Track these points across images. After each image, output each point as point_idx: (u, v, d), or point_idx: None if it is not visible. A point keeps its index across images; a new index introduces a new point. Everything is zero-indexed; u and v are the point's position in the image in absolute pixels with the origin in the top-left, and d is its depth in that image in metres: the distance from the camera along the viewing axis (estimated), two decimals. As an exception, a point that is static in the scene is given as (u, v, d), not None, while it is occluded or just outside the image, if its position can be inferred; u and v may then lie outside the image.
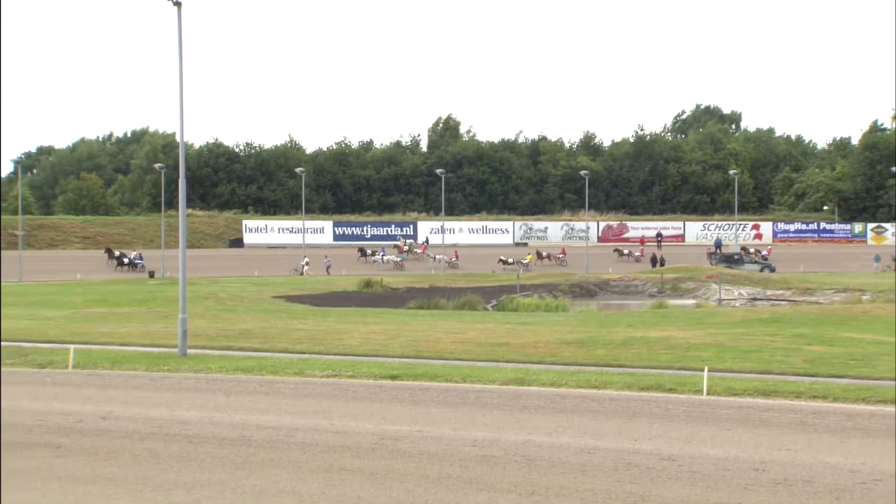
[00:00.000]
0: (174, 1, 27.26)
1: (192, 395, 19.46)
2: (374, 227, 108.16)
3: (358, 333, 33.46)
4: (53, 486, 11.99)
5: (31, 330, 34.76)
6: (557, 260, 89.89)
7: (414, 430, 15.43)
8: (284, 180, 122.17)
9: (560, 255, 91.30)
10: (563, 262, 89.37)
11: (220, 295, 53.98)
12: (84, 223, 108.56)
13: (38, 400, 18.54)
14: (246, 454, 13.71)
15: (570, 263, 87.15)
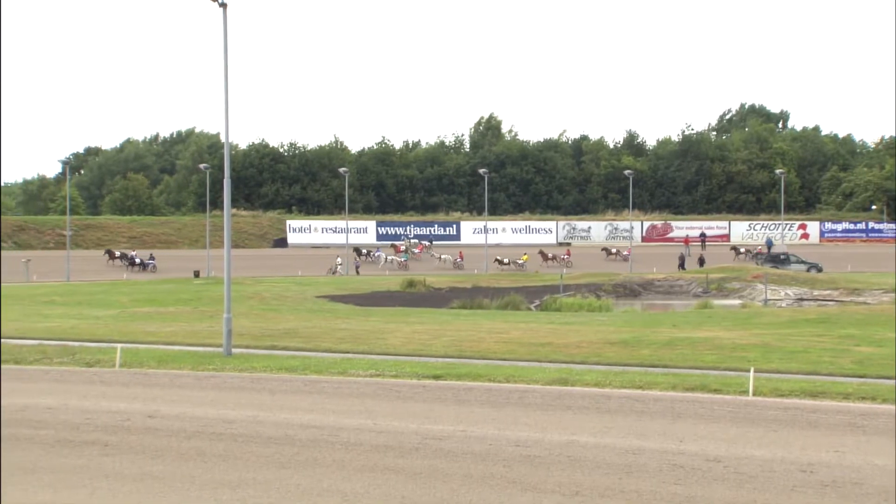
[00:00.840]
0: (220, 2, 27.39)
1: (236, 395, 19.58)
2: (417, 227, 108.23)
3: (401, 333, 33.51)
4: (102, 484, 12.11)
5: (79, 329, 35.17)
6: (562, 261, 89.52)
7: (457, 430, 15.43)
8: (328, 180, 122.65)
9: (564, 256, 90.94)
10: (567, 262, 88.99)
11: (264, 294, 54.29)
12: (130, 223, 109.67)
13: (86, 398, 18.74)
14: (290, 453, 13.78)
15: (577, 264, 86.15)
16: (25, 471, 12.70)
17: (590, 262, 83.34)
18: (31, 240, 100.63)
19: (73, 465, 13.08)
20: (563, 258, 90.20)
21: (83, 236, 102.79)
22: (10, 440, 14.66)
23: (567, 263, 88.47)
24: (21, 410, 17.15)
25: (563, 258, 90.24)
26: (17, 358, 25.78)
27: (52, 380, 21.82)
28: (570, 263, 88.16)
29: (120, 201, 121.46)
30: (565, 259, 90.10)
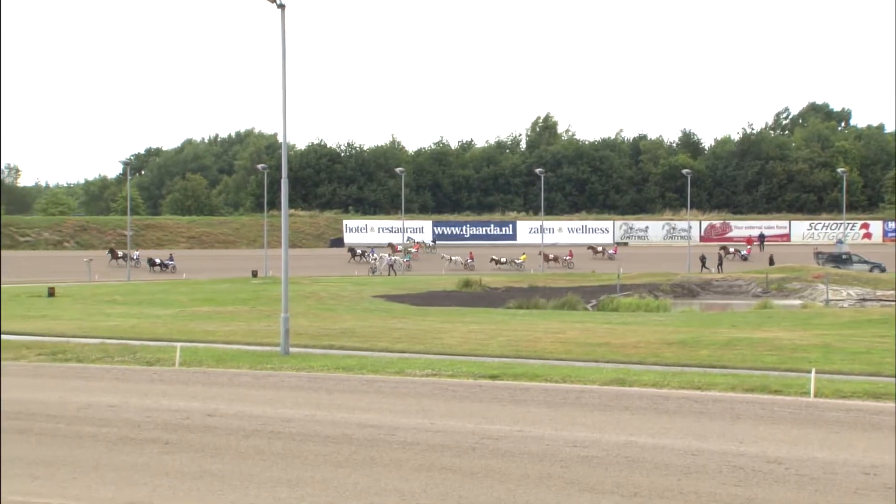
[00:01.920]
0: (278, 3, 27.55)
1: (294, 394, 19.70)
2: (473, 227, 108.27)
3: (457, 333, 33.52)
4: (162, 481, 12.26)
5: (139, 328, 35.64)
6: (564, 262, 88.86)
7: (514, 430, 15.40)
8: (384, 180, 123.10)
9: (567, 258, 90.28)
10: (569, 263, 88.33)
11: (321, 294, 54.60)
12: (189, 223, 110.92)
13: (146, 397, 18.97)
14: (348, 452, 13.84)
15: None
16: (89, 468, 12.90)
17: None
18: (92, 240, 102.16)
19: (134, 462, 13.25)
20: (565, 259, 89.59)
21: (143, 236, 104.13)
22: (74, 437, 14.90)
23: (569, 265, 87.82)
24: (84, 408, 17.42)
25: (566, 259, 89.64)
26: (79, 356, 26.18)
27: (113, 378, 22.13)
28: (572, 265, 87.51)
29: (179, 201, 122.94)
30: (567, 260, 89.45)
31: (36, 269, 79.39)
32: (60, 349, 27.63)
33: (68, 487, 11.93)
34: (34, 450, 13.97)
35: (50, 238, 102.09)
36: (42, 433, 15.18)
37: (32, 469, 12.81)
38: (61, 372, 23.39)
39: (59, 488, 11.89)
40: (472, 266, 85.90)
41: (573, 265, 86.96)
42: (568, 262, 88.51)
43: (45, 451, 13.90)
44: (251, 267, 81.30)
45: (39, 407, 17.55)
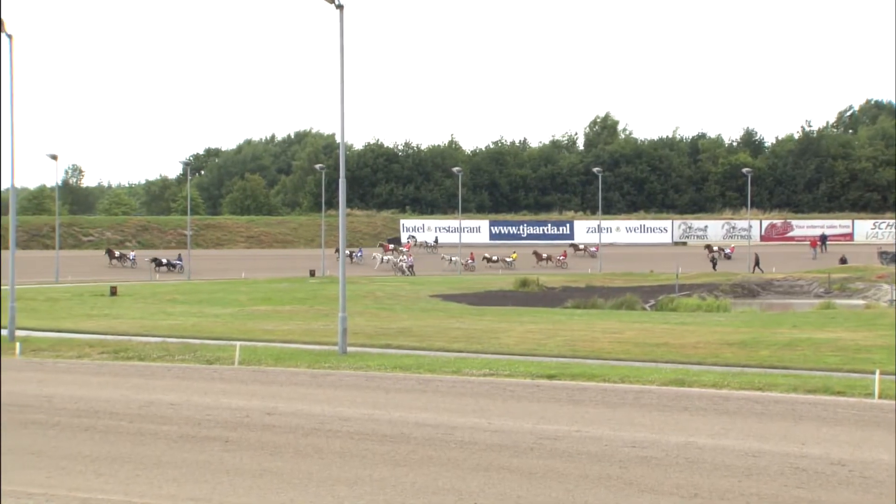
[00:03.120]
0: (337, 3, 27.65)
1: (352, 393, 19.80)
2: (530, 227, 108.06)
3: (514, 332, 33.49)
4: (223, 479, 12.38)
5: (199, 327, 36.06)
6: (558, 262, 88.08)
7: (572, 430, 15.35)
8: (441, 180, 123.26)
9: (560, 258, 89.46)
10: (563, 264, 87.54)
11: (377, 293, 54.81)
12: (248, 223, 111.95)
13: (206, 395, 19.18)
14: (405, 451, 13.88)
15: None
16: (151, 465, 13.07)
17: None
18: (154, 239, 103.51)
19: (195, 460, 13.40)
20: (558, 259, 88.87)
21: (203, 236, 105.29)
22: (136, 435, 15.10)
23: (562, 265, 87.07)
24: (146, 406, 17.65)
25: (559, 259, 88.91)
26: (141, 355, 26.55)
27: (174, 376, 22.40)
28: (566, 265, 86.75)
29: (238, 201, 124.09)
30: (561, 260, 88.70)
31: (98, 268, 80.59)
32: (122, 348, 28.03)
33: (131, 484, 12.10)
34: (98, 447, 14.18)
35: (112, 238, 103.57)
36: (105, 431, 15.41)
37: (96, 466, 13.02)
38: (123, 370, 23.73)
39: (122, 485, 12.06)
40: (473, 267, 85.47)
41: (566, 265, 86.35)
42: (561, 263, 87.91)
43: (108, 448, 14.12)
44: (309, 266, 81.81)
45: (102, 405, 17.82)
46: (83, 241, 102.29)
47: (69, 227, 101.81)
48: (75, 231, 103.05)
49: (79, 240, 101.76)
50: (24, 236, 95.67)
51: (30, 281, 64.21)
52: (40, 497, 11.50)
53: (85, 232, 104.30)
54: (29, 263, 76.57)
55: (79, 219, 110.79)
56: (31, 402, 18.15)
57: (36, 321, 37.49)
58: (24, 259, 68.45)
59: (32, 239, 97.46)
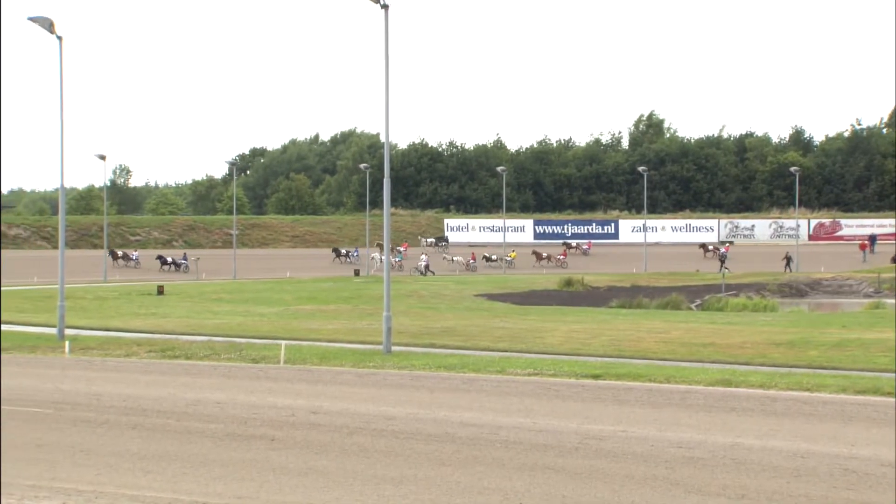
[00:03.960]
0: (382, 3, 27.67)
1: (397, 392, 19.85)
2: (574, 226, 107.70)
3: (559, 332, 33.40)
4: (269, 477, 12.46)
5: (245, 326, 36.32)
6: (557, 261, 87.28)
7: (618, 430, 15.28)
8: (486, 179, 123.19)
9: (560, 257, 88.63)
10: (563, 263, 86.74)
11: (422, 293, 54.91)
12: (293, 222, 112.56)
13: (252, 394, 19.31)
14: (450, 451, 13.89)
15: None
16: (198, 463, 13.18)
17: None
18: (200, 239, 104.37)
19: (241, 458, 13.49)
20: (558, 258, 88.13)
21: (248, 235, 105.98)
22: (183, 433, 15.24)
23: (562, 264, 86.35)
24: (193, 404, 17.80)
25: (559, 258, 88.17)
26: (187, 353, 26.79)
27: (220, 375, 22.57)
28: (566, 264, 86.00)
29: (283, 201, 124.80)
30: (560, 259, 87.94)
31: (145, 267, 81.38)
32: (170, 346, 28.30)
33: (179, 482, 12.21)
34: (146, 445, 14.33)
35: (159, 237, 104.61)
36: (153, 429, 15.56)
37: (145, 463, 13.15)
38: (170, 368, 23.96)
39: (170, 483, 12.17)
40: (475, 267, 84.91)
41: (567, 265, 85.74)
42: (561, 262, 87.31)
43: (156, 445, 14.25)
44: (353, 266, 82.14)
45: (150, 403, 18.00)
46: (131, 240, 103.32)
47: (117, 226, 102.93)
48: (123, 231, 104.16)
49: (126, 239, 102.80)
50: (73, 236, 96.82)
51: (79, 280, 65.00)
52: (90, 494, 11.64)
53: (132, 231, 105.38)
54: (77, 263, 77.51)
55: (126, 218, 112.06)
56: (80, 400, 18.37)
57: (85, 320, 37.98)
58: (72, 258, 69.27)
59: (81, 238, 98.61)
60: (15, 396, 18.72)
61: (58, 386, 20.30)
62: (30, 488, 11.85)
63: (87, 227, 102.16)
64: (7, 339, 30.58)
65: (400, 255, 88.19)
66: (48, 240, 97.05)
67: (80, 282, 64.31)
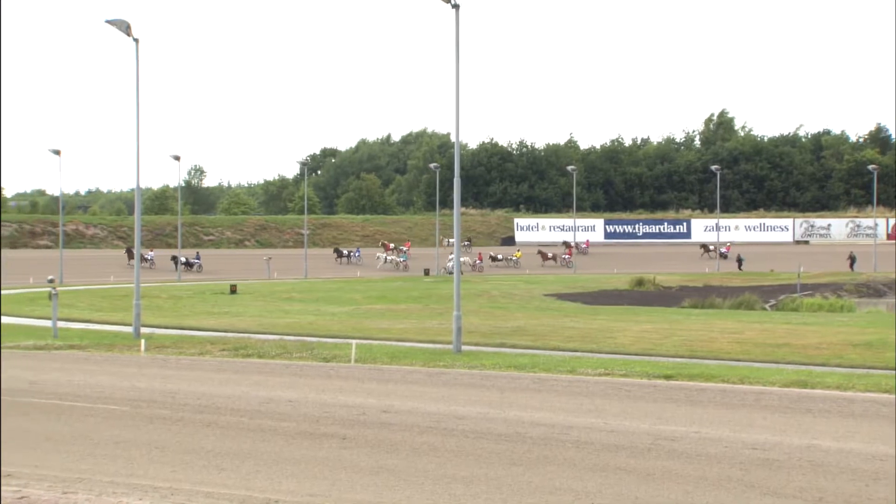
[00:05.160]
0: (453, 3, 27.59)
1: (467, 391, 19.85)
2: (645, 225, 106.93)
3: (630, 332, 33.16)
4: (341, 475, 12.53)
5: (316, 325, 36.60)
6: (563, 261, 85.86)
7: (691, 431, 15.13)
8: (556, 178, 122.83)
9: (566, 256, 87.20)
10: (568, 263, 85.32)
11: (492, 292, 54.88)
12: (363, 222, 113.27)
13: (323, 392, 19.43)
14: (521, 451, 13.86)
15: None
16: (271, 461, 13.30)
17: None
18: (271, 238, 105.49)
19: (313, 456, 13.59)
20: (563, 258, 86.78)
21: (319, 235, 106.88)
22: (256, 431, 15.39)
23: (568, 264, 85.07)
24: (265, 403, 17.98)
25: (564, 258, 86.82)
26: (260, 352, 27.06)
27: (292, 374, 22.75)
28: (572, 264, 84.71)
29: (354, 201, 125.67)
30: (566, 259, 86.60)
31: (219, 266, 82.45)
32: (242, 345, 28.61)
33: (252, 479, 12.33)
34: (220, 442, 14.50)
35: (232, 237, 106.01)
36: (227, 426, 15.74)
37: (219, 461, 13.30)
38: (243, 367, 24.22)
39: (243, 480, 12.30)
40: (481, 267, 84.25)
41: (573, 265, 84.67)
42: (567, 262, 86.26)
43: (229, 443, 14.41)
44: (423, 265, 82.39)
45: (224, 401, 18.22)
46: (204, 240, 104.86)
47: (191, 226, 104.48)
48: (196, 230, 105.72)
49: (200, 239, 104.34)
50: (149, 235, 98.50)
51: (154, 279, 66.04)
52: (165, 490, 11.81)
53: (206, 231, 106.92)
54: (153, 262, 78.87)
55: (200, 218, 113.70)
56: (156, 397, 18.65)
57: (160, 318, 38.58)
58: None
59: (156, 238, 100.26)
60: (93, 394, 19.10)
61: (134, 384, 20.63)
62: (108, 484, 12.06)
63: (161, 227, 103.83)
64: (85, 338, 31.27)
65: (405, 255, 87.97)
66: (124, 239, 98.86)
67: (155, 281, 65.34)
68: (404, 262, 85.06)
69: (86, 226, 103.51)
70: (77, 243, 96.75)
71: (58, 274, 63.97)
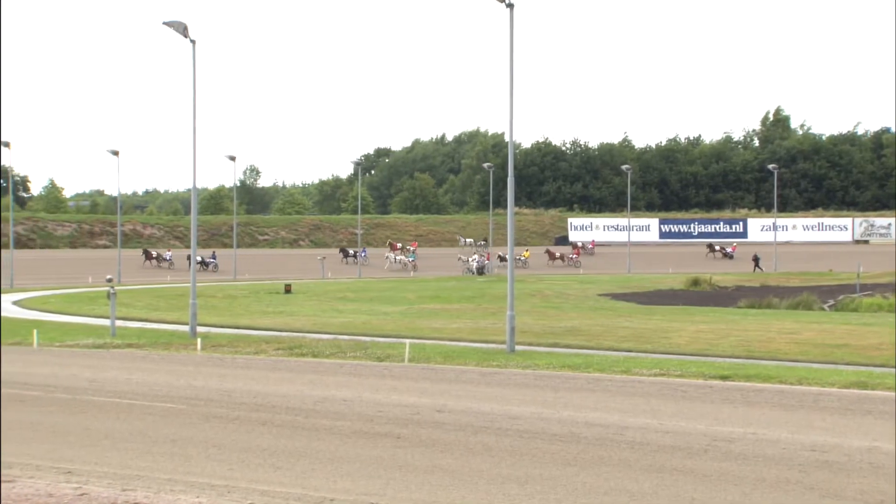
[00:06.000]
0: (507, 3, 27.55)
1: (521, 391, 19.84)
2: (701, 225, 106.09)
3: (685, 332, 32.92)
4: (395, 475, 12.58)
5: (370, 324, 36.75)
6: (570, 261, 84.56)
7: (748, 433, 14.99)
8: (610, 178, 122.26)
9: (573, 256, 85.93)
10: (576, 262, 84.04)
11: (545, 292, 54.76)
12: (417, 222, 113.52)
13: (378, 392, 19.52)
14: (576, 451, 13.82)
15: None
16: (326, 460, 13.38)
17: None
18: (325, 238, 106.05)
19: (368, 455, 13.65)
20: (570, 258, 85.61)
21: (373, 235, 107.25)
22: (311, 430, 15.49)
23: (575, 263, 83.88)
24: (320, 402, 18.10)
25: (572, 258, 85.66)
26: (314, 352, 27.24)
27: (346, 373, 22.88)
28: (579, 263, 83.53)
29: (408, 200, 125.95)
30: (573, 259, 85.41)
31: (274, 266, 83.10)
32: (297, 344, 28.81)
33: (308, 478, 12.41)
34: (276, 441, 14.61)
35: (286, 237, 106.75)
36: (282, 425, 15.87)
37: (274, 459, 13.41)
38: (298, 366, 24.40)
39: (299, 479, 12.39)
40: (491, 268, 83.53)
41: (580, 265, 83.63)
42: (575, 261, 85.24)
43: (285, 442, 14.53)
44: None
45: (279, 400, 18.36)
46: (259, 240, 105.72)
47: (246, 226, 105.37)
48: (252, 230, 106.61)
49: (255, 239, 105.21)
50: (204, 235, 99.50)
51: (210, 278, 66.70)
52: (222, 488, 11.92)
53: (261, 231, 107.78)
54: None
55: (255, 218, 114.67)
56: (212, 396, 18.85)
57: (216, 318, 38.95)
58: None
59: (212, 238, 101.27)
60: (150, 392, 19.35)
61: (190, 382, 20.87)
62: (166, 482, 12.21)
63: (217, 226, 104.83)
64: (142, 337, 31.68)
65: (413, 255, 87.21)
66: (181, 239, 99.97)
67: (211, 280, 66.00)
68: (413, 262, 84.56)
69: (143, 226, 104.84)
70: (134, 243, 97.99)
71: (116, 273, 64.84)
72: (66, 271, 74.69)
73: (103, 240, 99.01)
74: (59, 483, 11.97)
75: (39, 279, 66.56)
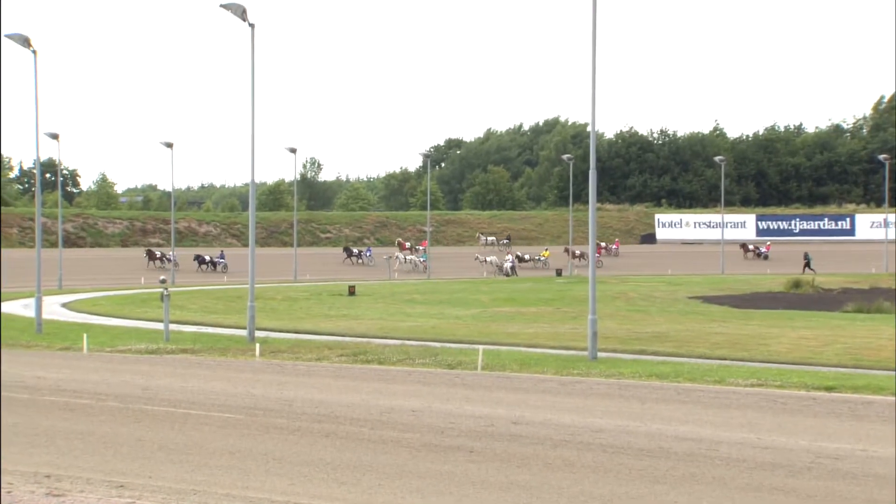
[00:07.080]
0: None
1: (604, 402, 19.76)
2: (803, 221, 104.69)
3: (786, 339, 32.56)
4: (468, 491, 12.60)
5: (440, 329, 36.83)
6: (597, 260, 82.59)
7: (856, 449, 14.78)
8: (701, 170, 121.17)
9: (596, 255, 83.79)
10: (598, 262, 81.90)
11: (630, 294, 54.48)
12: (490, 218, 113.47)
13: (449, 402, 19.56)
14: (665, 467, 13.73)
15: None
16: (393, 474, 13.44)
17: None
18: (392, 235, 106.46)
19: (439, 470, 13.69)
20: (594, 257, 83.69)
21: (443, 232, 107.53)
22: (377, 442, 15.57)
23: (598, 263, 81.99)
24: (387, 412, 18.18)
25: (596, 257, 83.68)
26: (380, 358, 27.37)
27: (415, 381, 22.97)
28: (601, 264, 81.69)
29: (480, 195, 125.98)
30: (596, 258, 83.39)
31: (337, 266, 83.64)
32: (361, 350, 28.98)
33: (374, 494, 12.48)
34: (339, 454, 14.71)
35: (350, 234, 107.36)
36: (346, 437, 15.97)
37: (338, 474, 13.50)
38: (363, 374, 24.55)
39: (364, 495, 12.45)
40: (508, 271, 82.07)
41: (602, 265, 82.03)
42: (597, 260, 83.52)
43: (349, 455, 14.62)
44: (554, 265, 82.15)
45: (343, 410, 18.48)
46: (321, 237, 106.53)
47: (307, 223, 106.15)
48: (313, 227, 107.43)
49: (317, 237, 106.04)
50: (263, 233, 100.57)
51: (269, 280, 67.38)
52: (283, 504, 12.04)
53: (322, 228, 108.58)
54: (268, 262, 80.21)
55: (316, 215, 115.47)
56: (272, 405, 19.03)
57: (275, 321, 39.35)
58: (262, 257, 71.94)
59: (271, 236, 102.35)
60: (207, 401, 19.58)
61: (249, 390, 21.09)
62: (223, 497, 12.33)
63: (276, 224, 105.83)
64: (197, 341, 32.12)
65: (425, 255, 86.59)
66: (238, 237, 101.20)
67: (271, 281, 66.63)
68: (424, 263, 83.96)
69: (198, 223, 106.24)
70: (189, 241, 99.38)
71: (169, 274, 65.83)
72: (117, 271, 76.00)
73: (156, 238, 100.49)
74: (112, 498, 12.16)
75: (89, 280, 67.78)
